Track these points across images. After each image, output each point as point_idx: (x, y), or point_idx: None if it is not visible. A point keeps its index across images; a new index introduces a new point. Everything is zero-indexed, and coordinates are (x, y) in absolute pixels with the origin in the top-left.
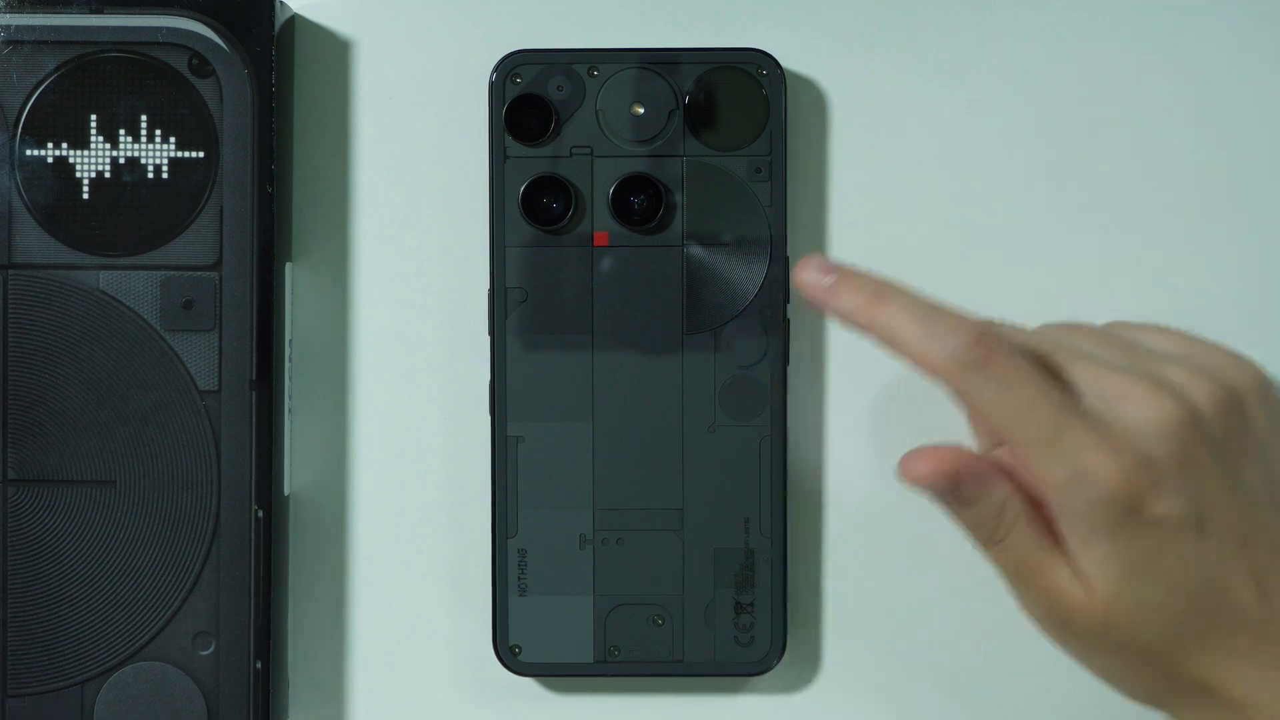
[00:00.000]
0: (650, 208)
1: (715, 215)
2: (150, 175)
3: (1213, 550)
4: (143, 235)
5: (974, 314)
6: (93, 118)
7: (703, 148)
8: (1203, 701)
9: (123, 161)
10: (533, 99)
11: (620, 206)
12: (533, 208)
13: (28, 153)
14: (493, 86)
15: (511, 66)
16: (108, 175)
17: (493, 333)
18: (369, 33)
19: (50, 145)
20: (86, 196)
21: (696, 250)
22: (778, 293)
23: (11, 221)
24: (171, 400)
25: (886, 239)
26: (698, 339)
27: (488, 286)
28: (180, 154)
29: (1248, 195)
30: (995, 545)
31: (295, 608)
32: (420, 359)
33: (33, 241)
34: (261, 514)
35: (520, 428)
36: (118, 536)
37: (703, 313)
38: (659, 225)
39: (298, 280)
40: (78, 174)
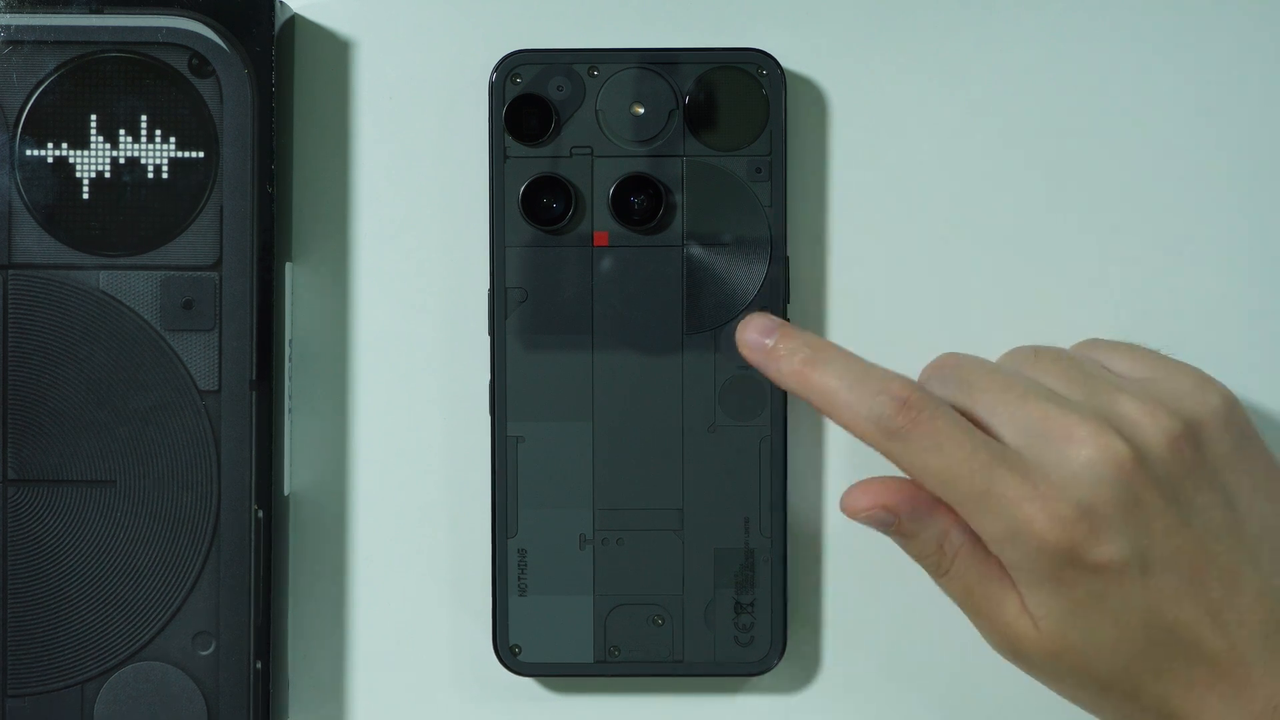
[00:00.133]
0: (650, 208)
1: (715, 215)
2: (150, 175)
3: (1160, 588)
4: (143, 235)
5: (901, 377)
6: (93, 118)
7: (703, 148)
8: None
9: (123, 161)
10: (533, 99)
11: (620, 206)
12: (533, 208)
13: (28, 153)
14: (493, 86)
15: (511, 66)
16: (108, 175)
17: (493, 333)
18: (369, 33)
19: (50, 145)
20: (86, 196)
21: (696, 250)
22: (778, 293)
23: (11, 221)
24: (171, 400)
25: (886, 239)
26: (698, 339)
27: (488, 286)
28: (180, 154)
29: (1248, 195)
30: (942, 576)
31: (295, 608)
32: (420, 359)
33: (33, 241)
34: (261, 514)
35: (520, 428)
36: (118, 536)
37: (703, 313)
38: (659, 225)
39: (298, 280)
40: (78, 174)
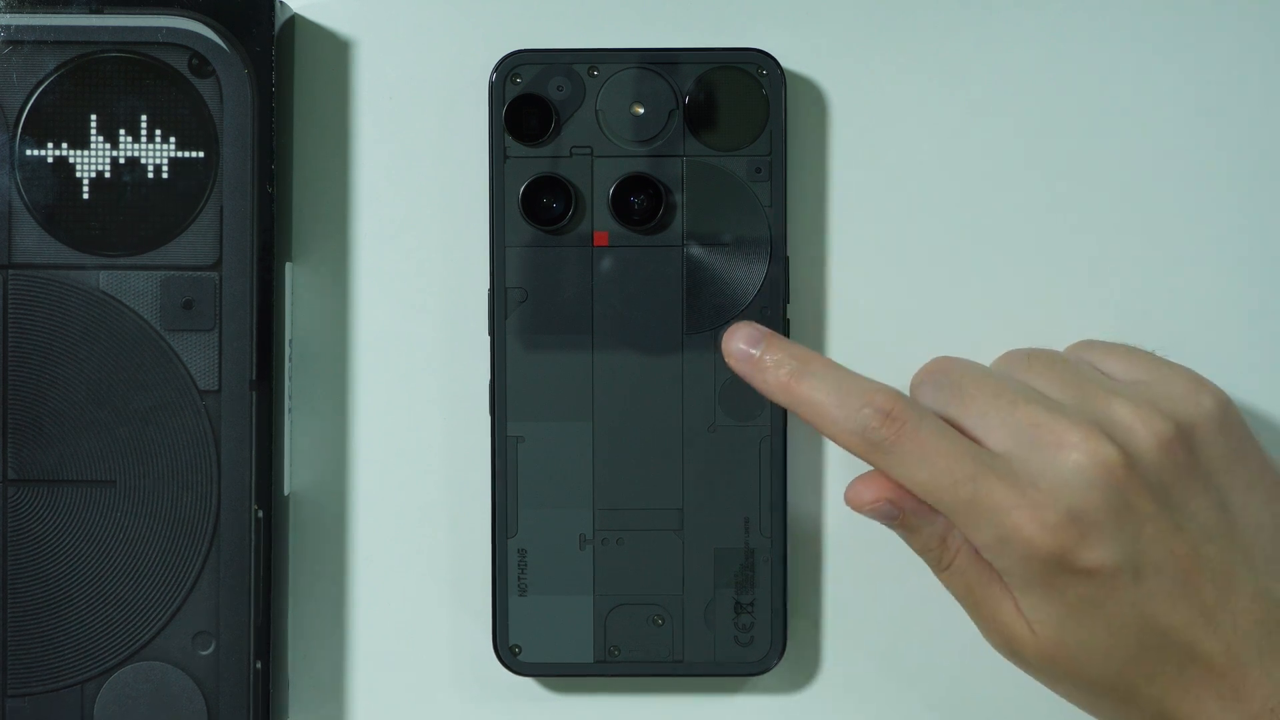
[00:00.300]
0: (650, 208)
1: (715, 215)
2: (150, 175)
3: (1152, 592)
4: (143, 235)
5: (886, 388)
6: (93, 118)
7: (703, 148)
8: None
9: (123, 161)
10: (533, 99)
11: (620, 206)
12: (533, 208)
13: (28, 153)
14: (493, 86)
15: (511, 66)
16: (108, 175)
17: (493, 333)
18: (369, 33)
19: (50, 145)
20: (86, 196)
21: (696, 250)
22: (778, 293)
23: (11, 221)
24: (171, 400)
25: (886, 239)
26: (698, 339)
27: (488, 286)
28: (180, 154)
29: (1247, 195)
30: (943, 571)
31: (295, 608)
32: (420, 359)
33: (33, 241)
34: (261, 514)
35: (520, 428)
36: (118, 536)
37: (703, 313)
38: (659, 225)
39: (298, 280)
40: (78, 174)
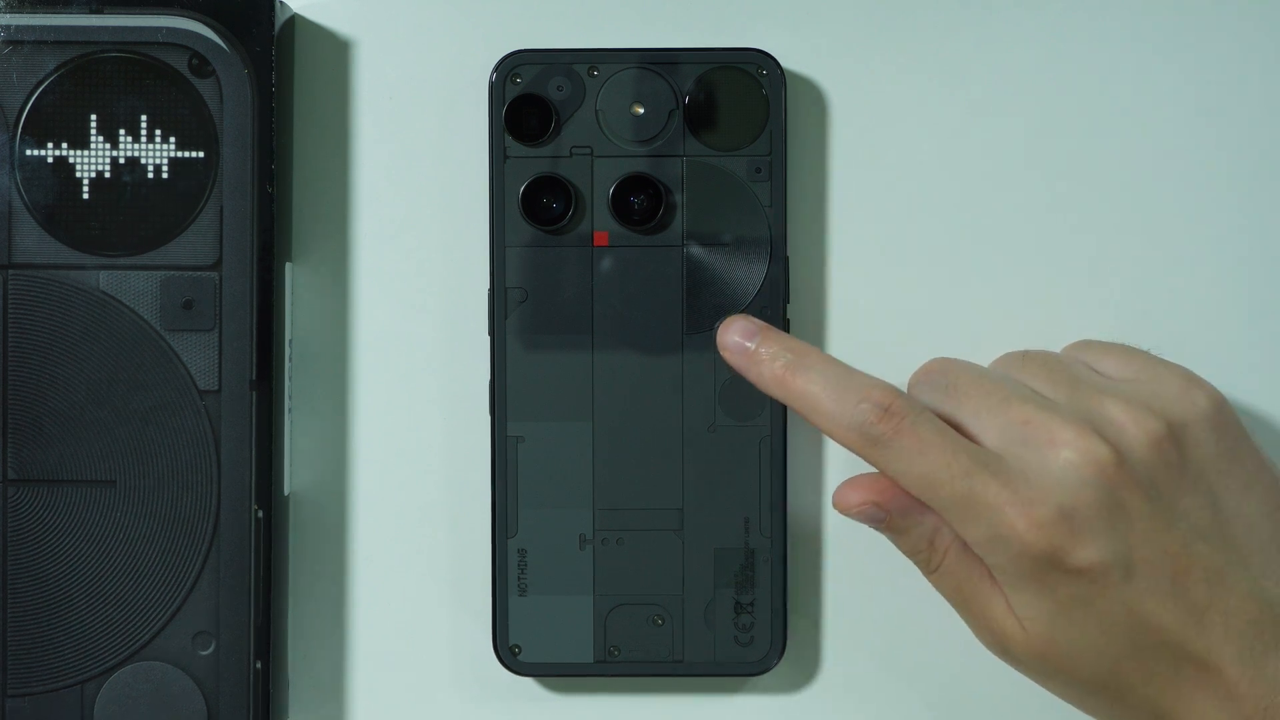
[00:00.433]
0: (650, 208)
1: (715, 215)
2: (150, 175)
3: (1143, 590)
4: (143, 235)
5: (883, 384)
6: (93, 118)
7: (703, 148)
8: None
9: (123, 161)
10: (533, 99)
11: (620, 206)
12: (533, 208)
13: (28, 153)
14: (493, 86)
15: (511, 66)
16: (108, 175)
17: (493, 333)
18: (369, 33)
19: (50, 145)
20: (86, 196)
21: (696, 250)
22: (778, 293)
23: (11, 221)
24: (171, 400)
25: (886, 239)
26: (698, 339)
27: (488, 286)
28: (180, 154)
29: (1247, 195)
30: (932, 573)
31: (295, 608)
32: (420, 359)
33: (33, 241)
34: (261, 514)
35: (520, 428)
36: (118, 536)
37: (703, 313)
38: (659, 225)
39: (298, 280)
40: (78, 174)
